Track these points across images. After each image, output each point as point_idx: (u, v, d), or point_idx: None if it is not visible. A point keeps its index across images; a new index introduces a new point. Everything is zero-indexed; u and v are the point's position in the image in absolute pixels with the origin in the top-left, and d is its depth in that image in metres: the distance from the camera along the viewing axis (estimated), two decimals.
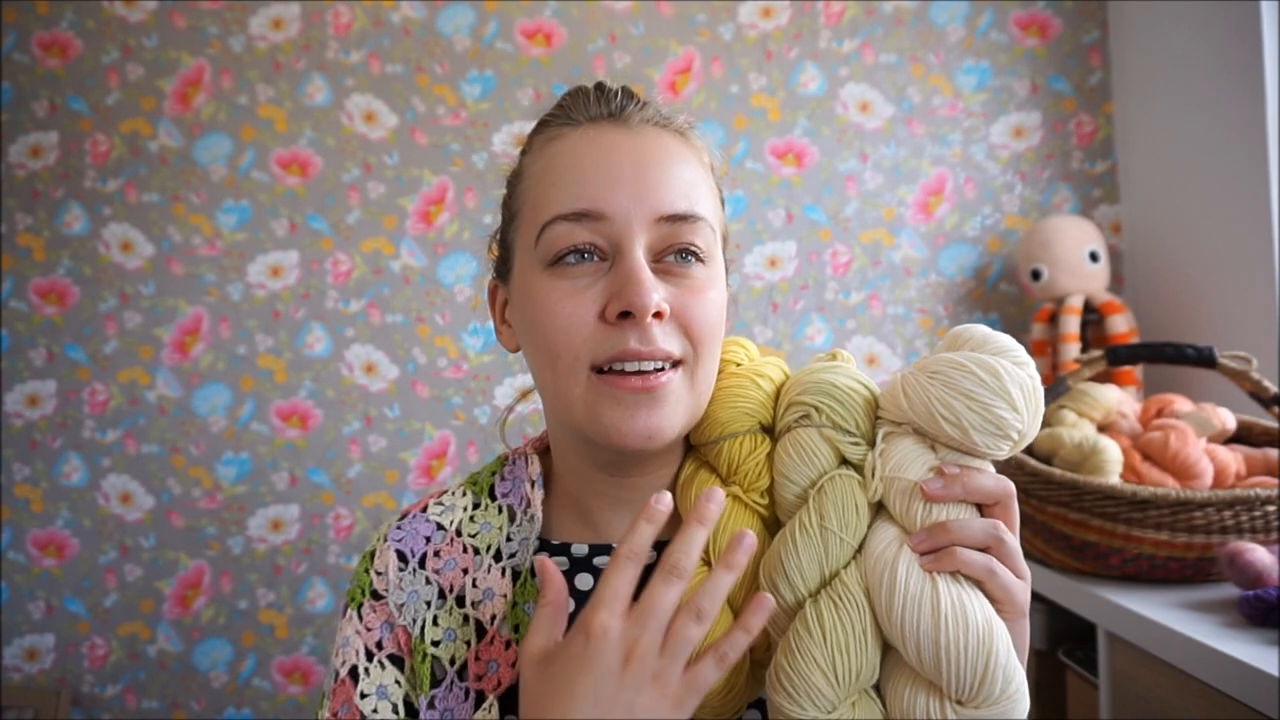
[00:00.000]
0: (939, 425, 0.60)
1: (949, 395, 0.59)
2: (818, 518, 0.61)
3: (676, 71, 2.11)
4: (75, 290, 2.08)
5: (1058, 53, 2.11)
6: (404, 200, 2.11)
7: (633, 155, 0.65)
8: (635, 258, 0.62)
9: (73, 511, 2.06)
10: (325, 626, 2.07)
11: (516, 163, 0.73)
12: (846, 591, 0.59)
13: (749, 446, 0.66)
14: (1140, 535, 1.27)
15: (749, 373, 0.68)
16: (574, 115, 0.69)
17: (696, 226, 0.65)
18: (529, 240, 0.66)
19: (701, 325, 0.64)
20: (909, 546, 0.59)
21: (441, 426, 2.09)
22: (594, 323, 0.63)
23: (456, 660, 0.66)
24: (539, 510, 0.71)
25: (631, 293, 0.61)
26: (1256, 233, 1.69)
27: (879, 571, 0.59)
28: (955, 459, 0.61)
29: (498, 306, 0.75)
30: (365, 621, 0.70)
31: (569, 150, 0.67)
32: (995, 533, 0.59)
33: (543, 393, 0.69)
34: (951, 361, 0.61)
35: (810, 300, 2.11)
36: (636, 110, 0.68)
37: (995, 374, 0.59)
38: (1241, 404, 1.49)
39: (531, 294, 0.65)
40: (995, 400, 0.59)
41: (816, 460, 0.63)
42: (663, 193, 0.64)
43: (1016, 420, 0.59)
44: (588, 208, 0.63)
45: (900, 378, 0.63)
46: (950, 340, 0.65)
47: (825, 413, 0.64)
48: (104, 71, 2.09)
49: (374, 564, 0.72)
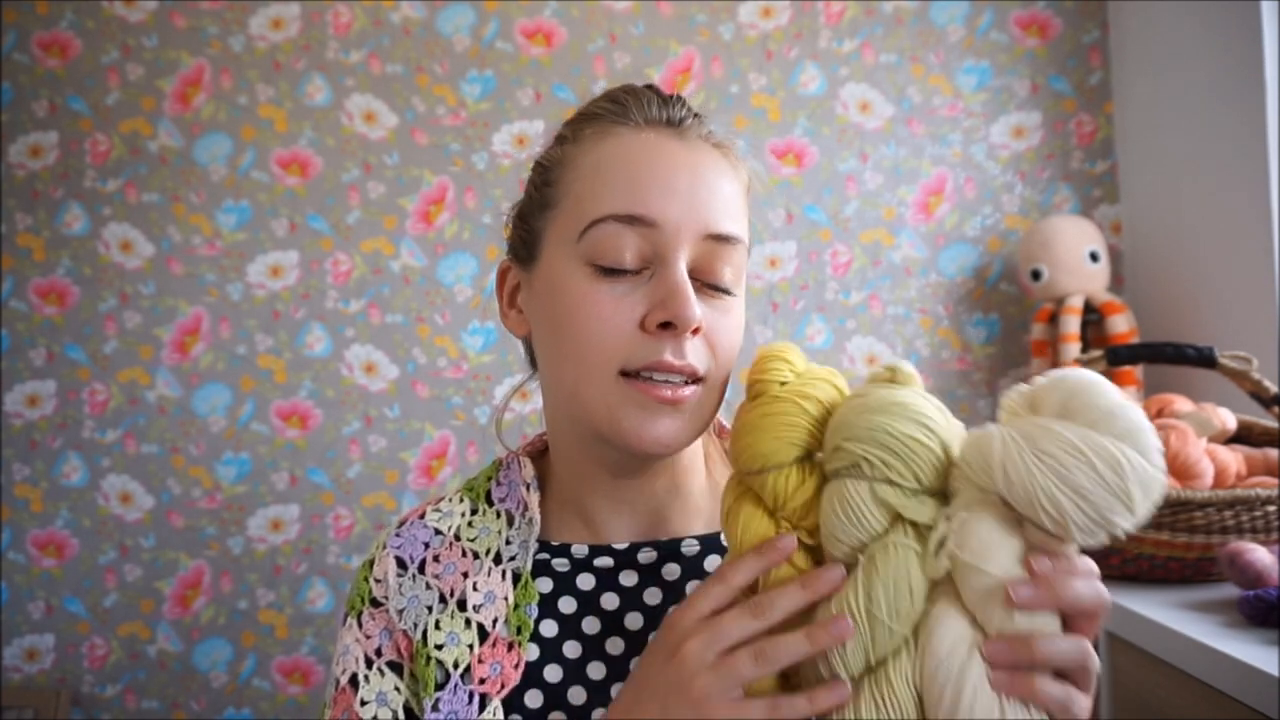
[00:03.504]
0: (1038, 515, 0.51)
1: (1057, 488, 0.50)
2: (865, 600, 0.53)
3: (676, 71, 2.11)
4: (75, 290, 2.08)
5: (1058, 53, 2.11)
6: (404, 200, 2.11)
7: (689, 169, 0.65)
8: (681, 271, 0.63)
9: (73, 511, 2.06)
10: (325, 626, 2.07)
11: (555, 148, 0.70)
12: (892, 691, 0.52)
13: (796, 480, 0.58)
14: (1140, 535, 1.26)
15: (793, 395, 0.59)
16: (632, 115, 0.67)
17: (737, 249, 0.66)
18: (569, 233, 0.65)
19: (727, 347, 0.66)
20: (980, 652, 0.51)
21: (441, 426, 2.09)
22: (632, 330, 0.63)
23: (460, 664, 0.66)
24: (536, 513, 0.71)
25: (677, 306, 0.61)
26: (1256, 233, 1.69)
27: (942, 679, 0.51)
28: (1044, 541, 0.53)
29: (507, 289, 0.74)
30: (365, 629, 0.70)
31: (625, 150, 0.66)
32: (1081, 658, 0.52)
33: (552, 386, 0.69)
34: (1066, 444, 0.51)
35: (810, 300, 2.11)
36: (695, 124, 0.68)
37: (1117, 468, 0.50)
38: (1241, 404, 1.49)
39: (566, 289, 0.64)
40: (1111, 501, 0.50)
41: (866, 523, 0.55)
42: (712, 210, 0.64)
43: (1128, 521, 0.51)
44: (641, 213, 0.63)
45: (999, 441, 0.53)
46: (1064, 399, 0.54)
47: (879, 468, 0.54)
48: (104, 71, 2.09)
49: (373, 571, 0.72)
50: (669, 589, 0.69)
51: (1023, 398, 0.56)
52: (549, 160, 0.70)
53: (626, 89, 0.70)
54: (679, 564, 0.70)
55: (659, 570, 0.69)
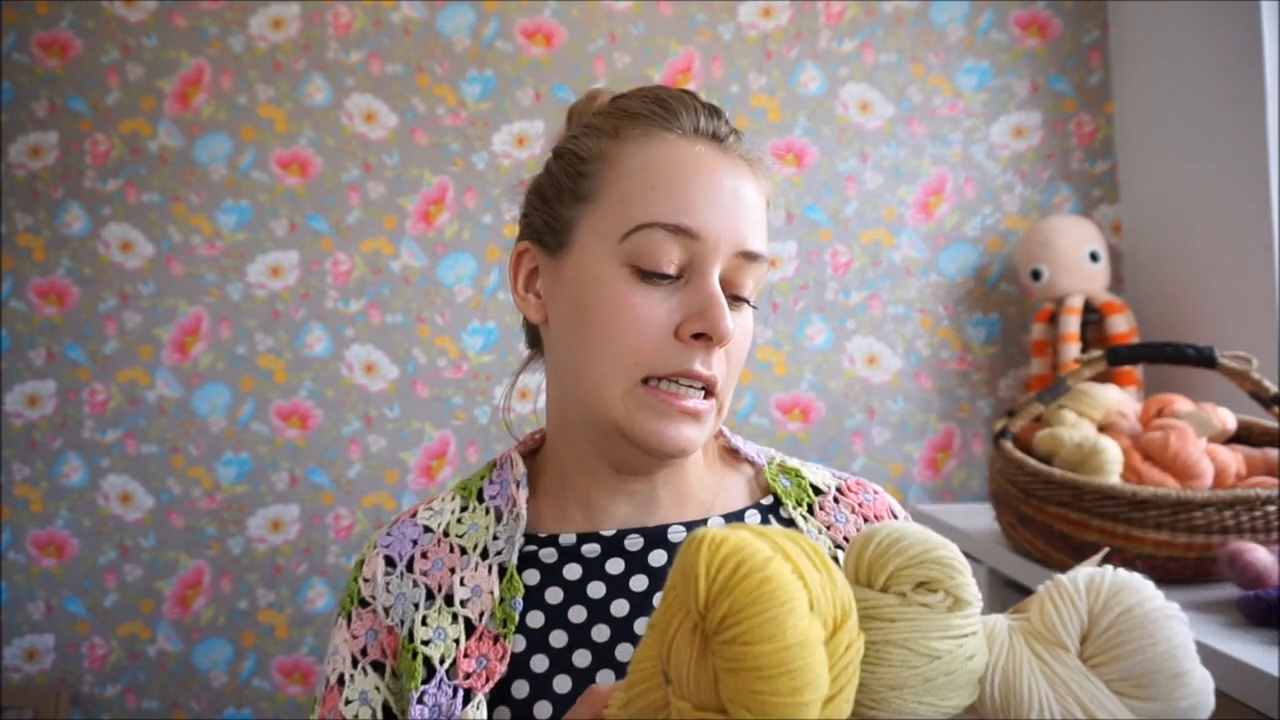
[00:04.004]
0: None
1: None
2: None
3: (676, 71, 2.11)
4: (75, 290, 2.08)
5: (1058, 53, 2.11)
6: (404, 200, 2.11)
7: (731, 185, 0.68)
8: (715, 284, 0.66)
9: (73, 511, 2.06)
10: (325, 626, 2.07)
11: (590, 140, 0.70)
12: None
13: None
14: (1140, 535, 1.27)
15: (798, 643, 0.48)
16: (681, 122, 0.69)
17: (760, 266, 0.69)
18: (610, 231, 0.67)
19: (739, 360, 0.69)
20: None
21: (441, 426, 2.09)
22: (665, 336, 0.65)
23: (446, 659, 0.67)
24: (524, 509, 0.72)
25: (714, 319, 0.64)
26: (1256, 233, 1.69)
27: None
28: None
29: (524, 272, 0.74)
30: (352, 629, 0.71)
31: (675, 159, 0.68)
32: None
33: (572, 379, 0.70)
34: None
35: (810, 300, 2.11)
36: (735, 140, 0.71)
37: None
38: (1241, 404, 1.49)
39: (604, 287, 0.66)
40: None
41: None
42: (746, 228, 0.68)
43: None
44: (689, 225, 0.65)
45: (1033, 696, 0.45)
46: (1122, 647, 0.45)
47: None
48: (104, 71, 2.09)
49: (362, 571, 0.73)
50: (655, 576, 0.70)
51: (1063, 614, 0.47)
52: (585, 151, 0.70)
53: (670, 93, 0.72)
54: (665, 551, 0.71)
55: (645, 558, 0.71)
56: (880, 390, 2.11)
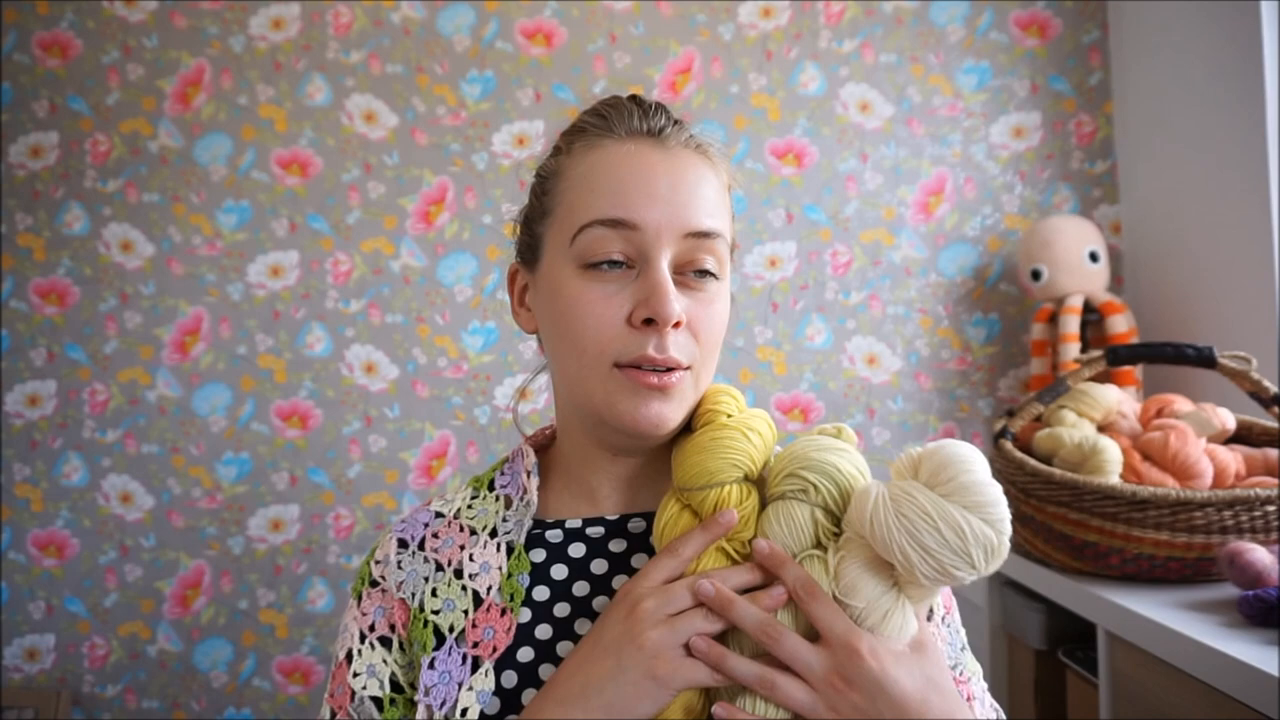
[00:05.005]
0: (894, 559, 0.62)
1: (909, 544, 0.61)
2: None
3: (676, 71, 2.11)
4: (75, 290, 2.08)
5: (1058, 53, 2.12)
6: (404, 200, 2.11)
7: (668, 175, 0.71)
8: (661, 270, 0.69)
9: (73, 511, 2.06)
10: (325, 626, 2.07)
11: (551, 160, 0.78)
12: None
13: (737, 496, 0.68)
14: (1140, 535, 1.27)
15: (740, 425, 0.70)
16: (615, 127, 0.74)
17: (716, 243, 0.72)
18: (563, 238, 0.72)
19: (710, 335, 0.72)
20: None
21: (441, 426, 2.09)
22: (620, 325, 0.69)
23: (455, 627, 0.72)
24: (534, 495, 0.77)
25: (657, 303, 0.68)
26: (1256, 233, 1.69)
27: None
28: (899, 577, 0.64)
29: (517, 290, 0.80)
30: (362, 608, 0.76)
31: (609, 162, 0.72)
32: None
33: (561, 377, 0.76)
34: (921, 510, 0.62)
35: (810, 300, 2.11)
36: (675, 132, 0.74)
37: (960, 534, 0.61)
38: (1241, 404, 1.49)
39: (563, 290, 0.71)
40: (954, 560, 0.61)
41: (801, 537, 0.66)
42: (690, 211, 0.71)
43: (969, 575, 0.62)
44: (624, 217, 0.69)
45: (872, 499, 0.64)
46: (935, 469, 0.64)
47: (823, 495, 0.67)
48: (104, 71, 2.09)
49: (375, 555, 0.78)
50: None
51: (908, 460, 0.68)
52: (546, 171, 0.77)
53: (610, 102, 0.76)
54: None
55: (646, 538, 0.75)
56: (880, 390, 2.11)
